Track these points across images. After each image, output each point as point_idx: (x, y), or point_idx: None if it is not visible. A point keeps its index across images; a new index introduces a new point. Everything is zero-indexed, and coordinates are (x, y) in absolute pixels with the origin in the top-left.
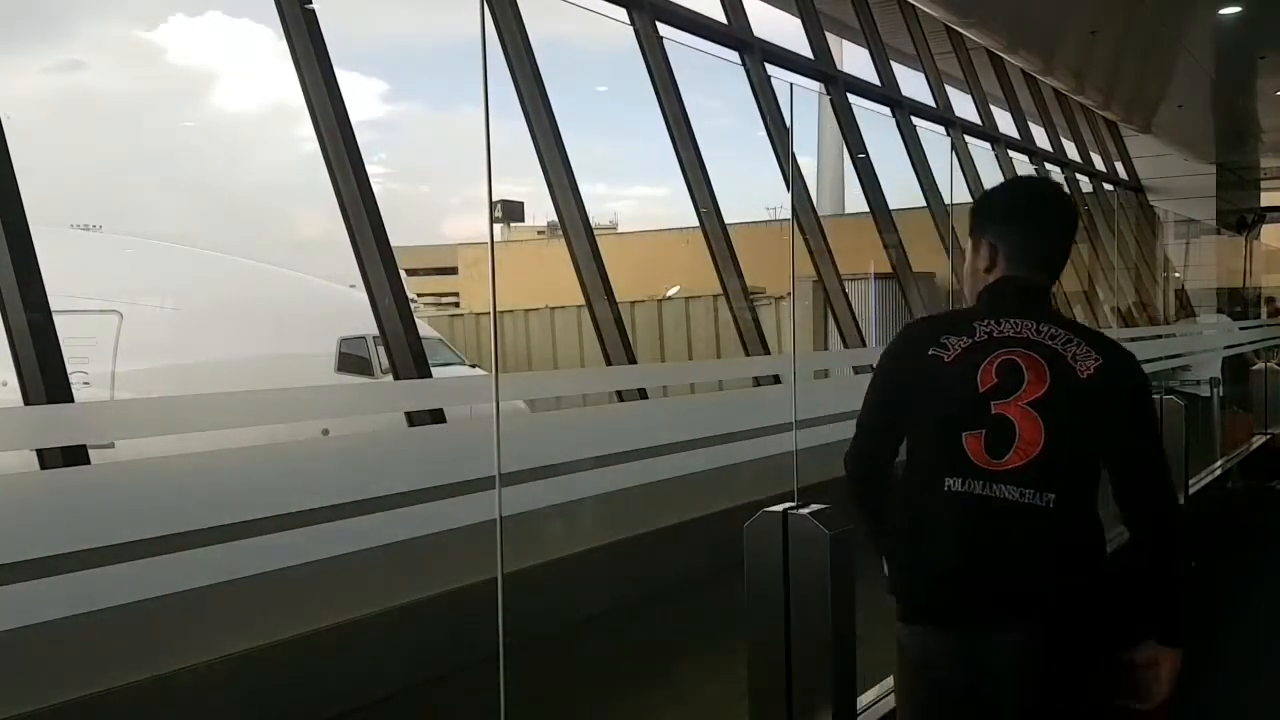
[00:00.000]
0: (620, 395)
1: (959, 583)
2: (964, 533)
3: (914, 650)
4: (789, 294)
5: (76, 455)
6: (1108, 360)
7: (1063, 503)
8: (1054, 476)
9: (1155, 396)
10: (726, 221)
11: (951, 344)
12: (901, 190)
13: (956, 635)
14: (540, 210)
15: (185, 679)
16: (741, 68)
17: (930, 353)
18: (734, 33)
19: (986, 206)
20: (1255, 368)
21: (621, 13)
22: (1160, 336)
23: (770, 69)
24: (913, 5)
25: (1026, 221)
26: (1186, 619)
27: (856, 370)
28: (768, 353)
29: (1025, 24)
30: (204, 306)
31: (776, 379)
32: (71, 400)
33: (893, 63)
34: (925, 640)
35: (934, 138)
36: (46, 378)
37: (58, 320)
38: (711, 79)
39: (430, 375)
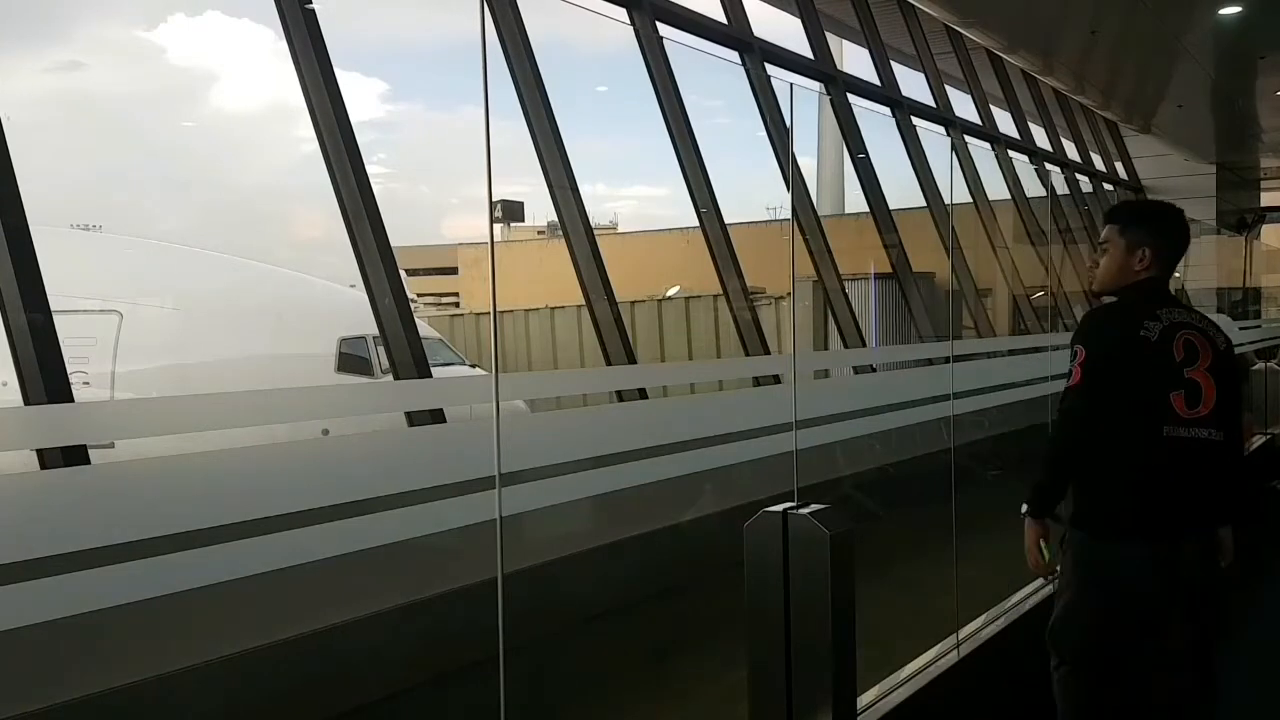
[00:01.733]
0: (620, 395)
1: (1169, 501)
2: (1180, 464)
3: (1105, 563)
4: (789, 294)
5: (76, 455)
6: (1227, 336)
7: (1228, 437)
8: (1223, 418)
9: None
10: (726, 221)
11: (1151, 328)
12: (901, 190)
13: (1153, 544)
14: (540, 210)
15: (185, 679)
16: (741, 68)
17: (1140, 334)
18: (734, 33)
19: (1146, 219)
20: (1255, 368)
21: (621, 13)
22: None
23: (770, 69)
24: (913, 5)
25: (1178, 235)
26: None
27: (857, 370)
28: (768, 353)
29: (1025, 24)
30: (204, 307)
31: (776, 379)
32: (71, 400)
33: (893, 63)
34: (1122, 552)
35: (934, 138)
36: (46, 378)
37: (58, 320)
38: (711, 79)
39: (430, 375)
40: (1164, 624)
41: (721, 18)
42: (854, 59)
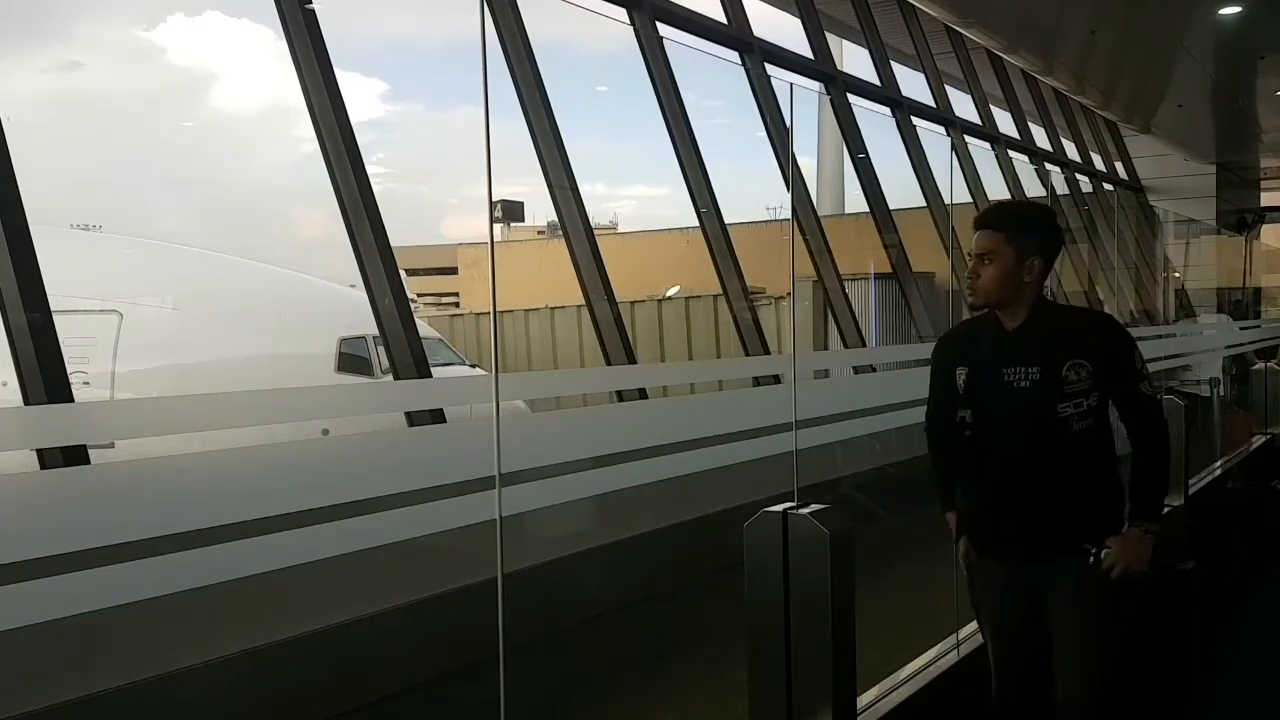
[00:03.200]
0: (620, 395)
1: None
2: None
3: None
4: (789, 294)
5: (76, 455)
6: None
7: None
8: None
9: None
10: (726, 221)
11: None
12: (901, 190)
13: None
14: (540, 210)
15: (186, 679)
16: (741, 68)
17: None
18: (734, 33)
19: (1037, 226)
20: (1255, 368)
21: (621, 13)
22: (1161, 336)
23: (770, 69)
24: (913, 5)
25: (1059, 244)
26: (1182, 615)
27: (857, 370)
28: (768, 353)
29: (1025, 24)
30: (204, 306)
31: (776, 379)
32: (71, 400)
33: (893, 63)
34: None
35: (934, 138)
36: (46, 378)
37: (58, 320)
38: (711, 79)
39: (430, 375)
40: None
41: (721, 18)
42: (854, 59)
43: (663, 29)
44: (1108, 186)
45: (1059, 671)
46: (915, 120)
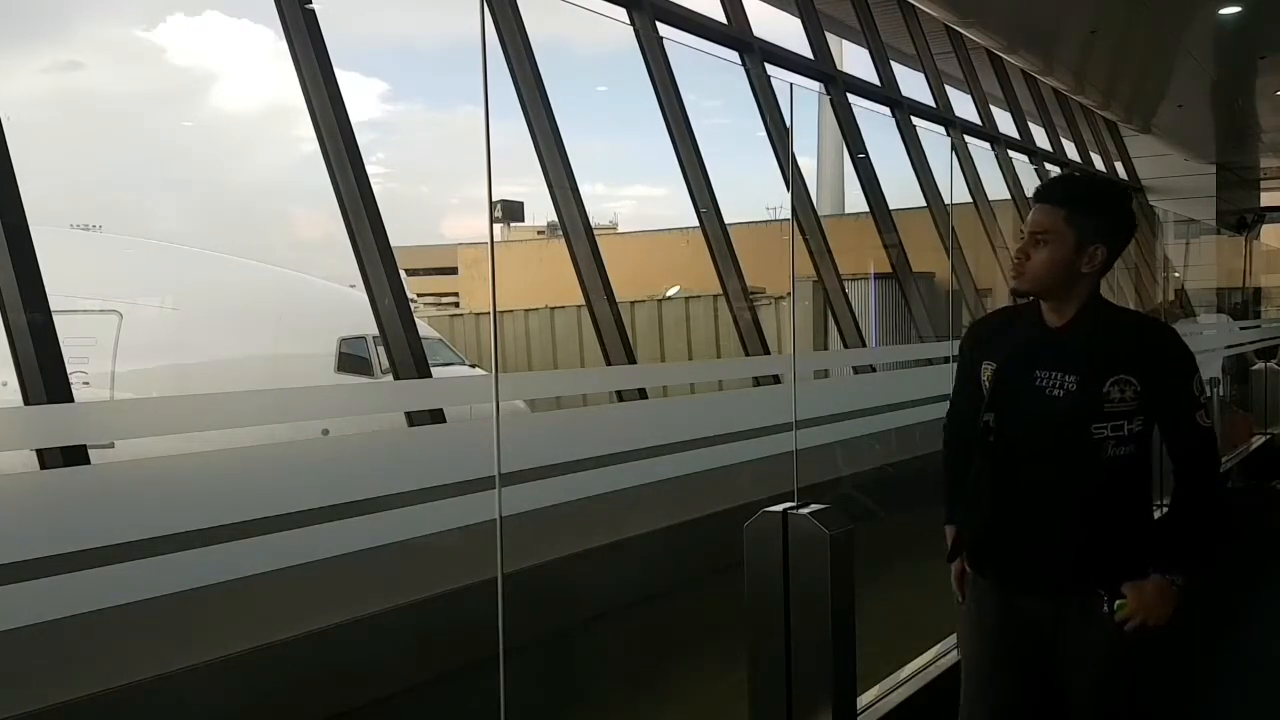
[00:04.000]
0: (620, 395)
1: None
2: None
3: None
4: (789, 294)
5: (76, 455)
6: None
7: None
8: None
9: None
10: (726, 221)
11: None
12: (901, 190)
13: None
14: (540, 210)
15: (185, 679)
16: (741, 68)
17: None
18: (734, 33)
19: (1103, 208)
20: (1255, 368)
21: (621, 13)
22: None
23: (770, 69)
24: (913, 5)
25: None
26: (1182, 615)
27: (857, 370)
28: (768, 353)
29: (1025, 24)
30: (204, 306)
31: (776, 379)
32: (71, 400)
33: (893, 63)
34: None
35: (934, 138)
36: (46, 378)
37: (57, 320)
38: (711, 79)
39: (430, 375)
40: None
41: (721, 18)
42: (854, 59)
43: (663, 29)
44: None
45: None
46: (915, 120)
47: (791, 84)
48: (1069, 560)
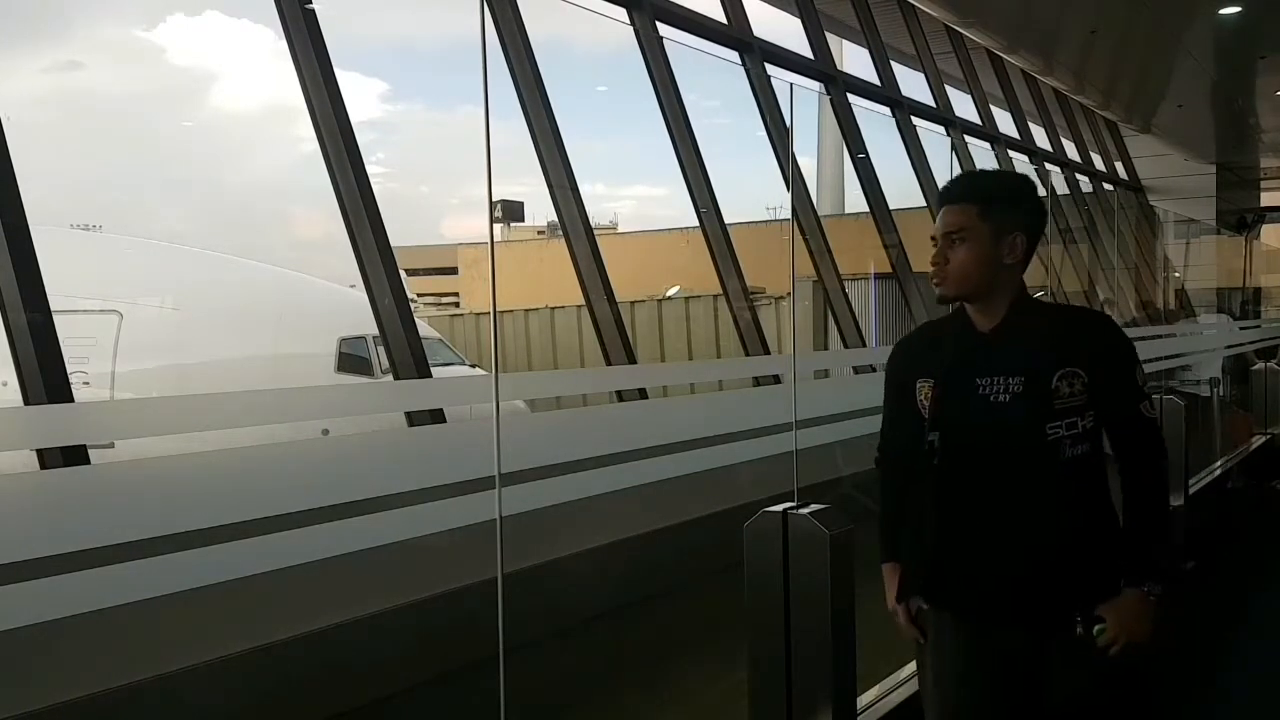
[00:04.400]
0: (620, 395)
1: None
2: None
3: None
4: (789, 294)
5: (76, 455)
6: None
7: None
8: None
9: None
10: (726, 221)
11: None
12: (901, 190)
13: None
14: (540, 210)
15: (185, 679)
16: (741, 68)
17: None
18: (734, 33)
19: (1017, 196)
20: (1255, 368)
21: (621, 13)
22: (1160, 336)
23: (770, 69)
24: (913, 5)
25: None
26: (1182, 615)
27: (857, 370)
28: (768, 353)
29: (1025, 24)
30: (204, 307)
31: (776, 379)
32: (71, 400)
33: (893, 63)
34: None
35: (934, 138)
36: (46, 378)
37: (57, 320)
38: (711, 79)
39: (430, 375)
40: None
41: (721, 18)
42: (854, 59)
43: (663, 29)
44: (1108, 186)
45: None
46: (915, 120)
47: (791, 84)
48: (1038, 579)
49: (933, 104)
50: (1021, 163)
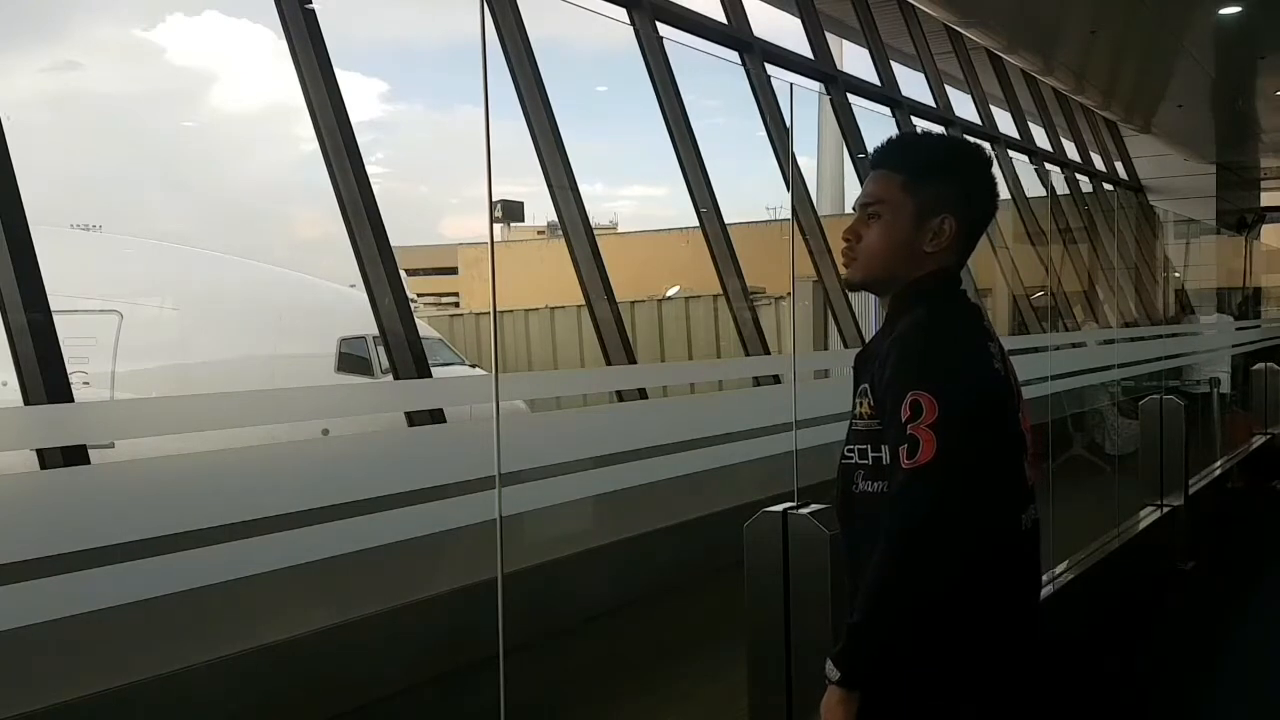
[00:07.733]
0: (620, 395)
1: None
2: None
3: None
4: (789, 294)
5: (76, 455)
6: None
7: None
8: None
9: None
10: (726, 221)
11: (995, 352)
12: None
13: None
14: (540, 210)
15: (185, 679)
16: (741, 68)
17: (994, 365)
18: (734, 33)
19: (950, 167)
20: (1255, 368)
21: (621, 13)
22: (1161, 336)
23: (770, 69)
24: (913, 5)
25: (992, 198)
26: (1182, 615)
27: None
28: (768, 353)
29: (1025, 24)
30: (204, 307)
31: (776, 379)
32: (71, 400)
33: (893, 63)
34: None
35: None
36: (46, 378)
37: (57, 320)
38: (711, 79)
39: (430, 375)
40: None
41: (721, 18)
42: (854, 59)
43: (663, 29)
44: (1108, 186)
45: None
46: (915, 120)
47: (791, 84)
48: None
49: (933, 104)
50: (1021, 163)
